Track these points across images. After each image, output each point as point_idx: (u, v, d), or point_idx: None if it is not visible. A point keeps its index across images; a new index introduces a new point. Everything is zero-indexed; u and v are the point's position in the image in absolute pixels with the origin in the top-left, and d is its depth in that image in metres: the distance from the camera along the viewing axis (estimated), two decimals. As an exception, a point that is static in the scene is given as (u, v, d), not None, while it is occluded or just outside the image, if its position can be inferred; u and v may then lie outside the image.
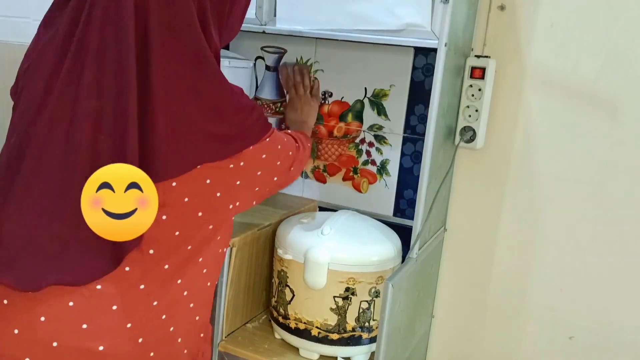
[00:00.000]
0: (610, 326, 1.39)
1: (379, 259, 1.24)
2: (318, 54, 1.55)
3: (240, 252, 1.28)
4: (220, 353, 1.31)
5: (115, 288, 0.93)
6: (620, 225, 1.35)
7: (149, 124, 0.88)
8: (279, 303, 1.31)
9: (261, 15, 1.35)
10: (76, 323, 0.92)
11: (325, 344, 1.27)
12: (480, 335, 1.53)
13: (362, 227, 1.33)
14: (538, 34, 1.35)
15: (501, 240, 1.47)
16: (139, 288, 0.95)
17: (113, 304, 0.94)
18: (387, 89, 1.49)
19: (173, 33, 0.89)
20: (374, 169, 1.54)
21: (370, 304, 1.25)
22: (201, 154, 0.92)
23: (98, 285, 0.92)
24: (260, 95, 1.63)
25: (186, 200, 0.94)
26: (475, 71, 1.35)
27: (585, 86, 1.33)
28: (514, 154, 1.42)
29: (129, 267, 0.93)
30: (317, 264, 1.22)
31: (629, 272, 1.35)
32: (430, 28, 1.17)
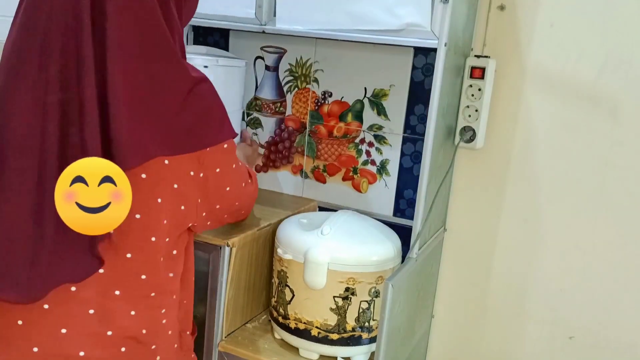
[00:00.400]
0: (610, 326, 1.39)
1: (379, 259, 1.24)
2: (318, 54, 1.55)
3: (240, 252, 1.28)
4: (220, 353, 1.31)
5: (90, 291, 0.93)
6: (620, 225, 1.35)
7: (109, 113, 0.87)
8: (278, 303, 1.31)
9: (261, 15, 1.35)
10: (56, 327, 0.93)
11: (325, 344, 1.26)
12: (480, 335, 1.53)
13: (362, 227, 1.33)
14: (538, 34, 1.35)
15: (501, 240, 1.47)
16: (115, 293, 0.95)
17: (90, 308, 0.94)
18: (387, 89, 1.49)
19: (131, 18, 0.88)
20: (374, 169, 1.54)
21: (370, 304, 1.25)
22: (161, 144, 0.92)
23: (72, 287, 0.92)
24: (260, 95, 1.64)
25: (160, 201, 0.94)
26: (475, 71, 1.35)
27: (585, 86, 1.33)
28: (514, 154, 1.42)
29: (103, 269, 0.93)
30: (317, 264, 1.22)
31: (629, 272, 1.35)
32: (430, 28, 1.17)
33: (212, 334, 1.30)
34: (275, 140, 1.64)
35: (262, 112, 1.65)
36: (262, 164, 1.68)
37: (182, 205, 0.98)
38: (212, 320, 1.29)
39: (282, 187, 1.65)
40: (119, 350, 0.97)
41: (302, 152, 1.61)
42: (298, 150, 1.62)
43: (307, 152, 1.61)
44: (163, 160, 0.93)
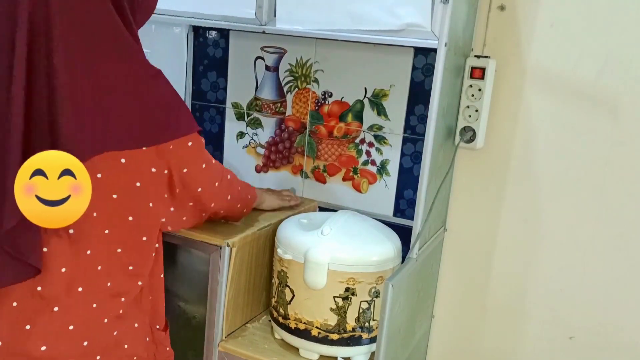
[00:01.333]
0: (610, 326, 1.39)
1: (379, 259, 1.24)
2: (318, 54, 1.55)
3: (240, 252, 1.28)
4: (220, 353, 1.31)
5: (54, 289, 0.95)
6: (621, 225, 1.35)
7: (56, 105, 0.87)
8: (279, 303, 1.31)
9: (261, 15, 1.35)
10: (21, 324, 0.94)
11: (325, 344, 1.26)
12: (480, 335, 1.53)
13: (362, 227, 1.33)
14: (538, 34, 1.35)
15: (501, 240, 1.47)
16: (77, 290, 0.96)
17: (54, 306, 0.95)
18: (387, 89, 1.49)
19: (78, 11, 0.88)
20: (374, 169, 1.54)
21: (370, 304, 1.25)
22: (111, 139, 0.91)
23: (38, 286, 0.94)
24: (260, 95, 1.64)
25: (115, 197, 0.95)
26: (475, 71, 1.35)
27: (585, 86, 1.33)
28: (514, 154, 1.42)
29: (65, 267, 0.94)
30: (317, 264, 1.22)
31: (629, 272, 1.35)
32: (430, 28, 1.17)
33: (212, 334, 1.30)
34: (276, 140, 1.64)
35: (262, 113, 1.65)
36: (262, 164, 1.68)
37: (149, 203, 0.99)
38: (212, 320, 1.29)
39: (282, 188, 1.65)
40: (81, 344, 0.99)
41: (302, 152, 1.61)
42: (298, 151, 1.62)
43: (307, 152, 1.61)
44: (119, 159, 0.93)
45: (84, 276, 0.97)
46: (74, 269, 0.95)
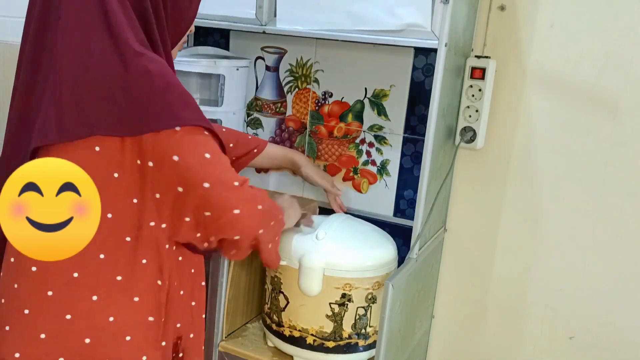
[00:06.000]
0: (610, 326, 1.39)
1: (375, 264, 1.22)
2: (318, 54, 1.55)
3: (241, 252, 1.28)
4: (220, 353, 1.31)
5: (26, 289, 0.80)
6: (620, 225, 1.35)
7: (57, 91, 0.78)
8: (272, 310, 1.28)
9: (261, 15, 1.35)
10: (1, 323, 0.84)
11: (321, 352, 1.23)
12: (481, 335, 1.53)
13: (358, 231, 1.30)
14: (538, 34, 1.35)
15: (501, 241, 1.47)
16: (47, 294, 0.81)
17: (25, 308, 0.81)
18: (387, 89, 1.49)
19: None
20: (374, 169, 1.54)
21: (367, 310, 1.23)
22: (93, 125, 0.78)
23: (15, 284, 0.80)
24: (260, 96, 1.64)
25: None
26: (476, 71, 1.35)
27: (585, 86, 1.33)
28: (514, 154, 1.42)
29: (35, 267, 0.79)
30: (312, 270, 1.19)
31: (629, 272, 1.35)
32: (431, 28, 1.17)
33: (212, 334, 1.30)
34: (276, 140, 1.64)
35: (262, 113, 1.65)
36: (263, 164, 1.68)
37: (133, 199, 0.83)
38: (212, 320, 1.29)
39: (282, 188, 1.65)
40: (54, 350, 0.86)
41: (303, 152, 1.61)
42: (298, 151, 1.62)
43: (307, 152, 1.61)
44: (93, 148, 0.78)
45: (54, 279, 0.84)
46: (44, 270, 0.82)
